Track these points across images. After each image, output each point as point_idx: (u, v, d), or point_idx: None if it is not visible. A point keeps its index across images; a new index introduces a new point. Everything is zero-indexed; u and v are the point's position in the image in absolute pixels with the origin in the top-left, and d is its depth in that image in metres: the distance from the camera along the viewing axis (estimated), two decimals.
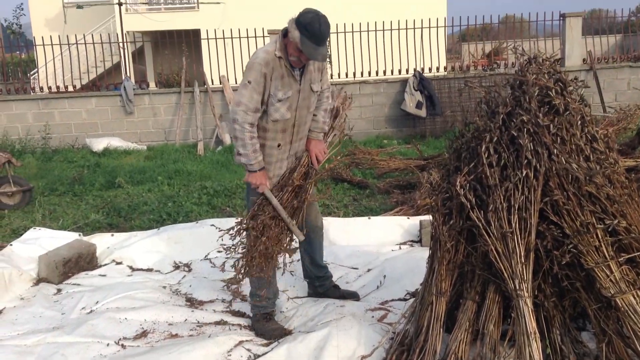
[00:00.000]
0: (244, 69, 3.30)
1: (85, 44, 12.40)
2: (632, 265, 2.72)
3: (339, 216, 5.70)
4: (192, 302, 3.90)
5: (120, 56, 13.27)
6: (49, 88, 11.85)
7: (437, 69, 12.05)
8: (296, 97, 3.29)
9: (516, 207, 2.66)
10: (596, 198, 2.65)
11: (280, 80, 3.22)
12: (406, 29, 11.87)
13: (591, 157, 2.71)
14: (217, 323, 3.52)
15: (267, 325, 3.45)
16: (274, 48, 3.21)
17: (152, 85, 13.51)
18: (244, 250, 3.33)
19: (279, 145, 3.35)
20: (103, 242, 5.05)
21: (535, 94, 2.77)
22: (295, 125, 3.36)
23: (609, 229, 2.64)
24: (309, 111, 3.42)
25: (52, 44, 11.70)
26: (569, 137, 2.71)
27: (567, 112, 2.74)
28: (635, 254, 2.69)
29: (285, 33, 3.20)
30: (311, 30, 3.05)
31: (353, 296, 3.87)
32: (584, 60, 11.79)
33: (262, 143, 3.31)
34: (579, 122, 2.74)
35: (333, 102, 3.67)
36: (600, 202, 2.65)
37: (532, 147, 2.70)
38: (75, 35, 12.76)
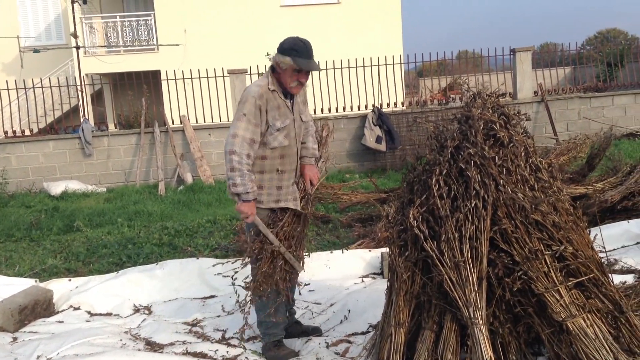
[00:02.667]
0: (238, 102, 3.42)
1: (42, 87, 12.30)
2: (581, 289, 2.82)
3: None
4: (152, 346, 3.84)
5: (79, 99, 13.19)
6: (5, 132, 11.65)
7: (395, 104, 12.32)
8: (292, 126, 3.48)
9: (467, 237, 2.74)
10: (543, 225, 2.75)
11: (277, 110, 3.39)
12: (363, 66, 12.15)
13: (536, 186, 2.83)
14: None
15: (279, 352, 3.51)
16: (266, 82, 3.41)
17: (112, 126, 13.42)
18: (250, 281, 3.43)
19: (278, 171, 3.46)
20: (60, 287, 4.94)
21: (481, 127, 2.90)
22: (298, 152, 3.56)
23: (557, 255, 2.74)
24: (301, 140, 3.61)
25: (7, 89, 11.57)
26: (514, 167, 2.83)
27: (512, 144, 2.87)
28: (583, 278, 2.79)
29: (273, 69, 3.42)
30: (298, 49, 3.31)
31: (316, 331, 3.88)
32: (535, 92, 12.24)
33: (261, 170, 3.43)
34: (523, 154, 2.87)
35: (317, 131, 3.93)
36: (547, 229, 2.75)
37: (479, 179, 2.80)
38: (32, 80, 12.65)
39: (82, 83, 13.97)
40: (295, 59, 3.30)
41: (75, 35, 16.17)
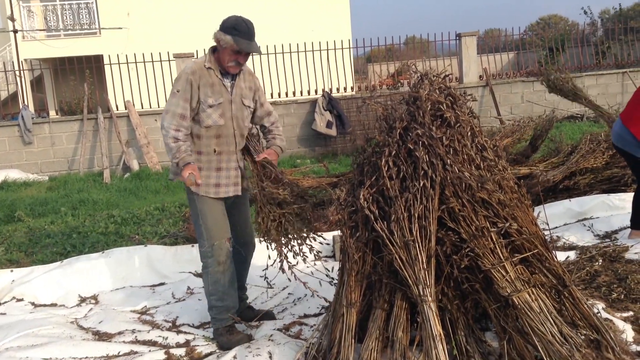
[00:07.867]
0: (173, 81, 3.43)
1: None
2: (526, 264, 2.90)
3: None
4: (100, 335, 3.74)
5: (17, 85, 12.67)
6: None
7: (345, 89, 12.35)
8: (229, 106, 3.43)
9: (416, 216, 2.77)
10: (488, 203, 2.81)
11: (210, 87, 3.37)
12: (312, 50, 12.10)
13: (482, 165, 2.88)
14: (127, 354, 3.40)
15: (231, 337, 3.44)
16: (203, 60, 3.42)
17: (53, 113, 12.96)
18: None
19: (215, 152, 3.43)
20: (2, 279, 4.75)
21: (428, 108, 2.92)
22: (236, 135, 3.48)
23: (502, 232, 2.81)
24: (245, 124, 3.55)
25: None
26: (460, 147, 2.87)
27: (458, 125, 2.91)
28: (528, 254, 2.87)
29: (214, 49, 3.41)
30: (240, 29, 3.30)
31: (268, 315, 3.87)
32: (480, 77, 12.49)
33: (197, 150, 3.43)
34: (469, 133, 2.92)
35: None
36: (493, 207, 2.81)
37: (427, 159, 2.83)
38: None
39: (21, 68, 13.42)
40: (236, 39, 3.29)
41: (12, 19, 15.49)
